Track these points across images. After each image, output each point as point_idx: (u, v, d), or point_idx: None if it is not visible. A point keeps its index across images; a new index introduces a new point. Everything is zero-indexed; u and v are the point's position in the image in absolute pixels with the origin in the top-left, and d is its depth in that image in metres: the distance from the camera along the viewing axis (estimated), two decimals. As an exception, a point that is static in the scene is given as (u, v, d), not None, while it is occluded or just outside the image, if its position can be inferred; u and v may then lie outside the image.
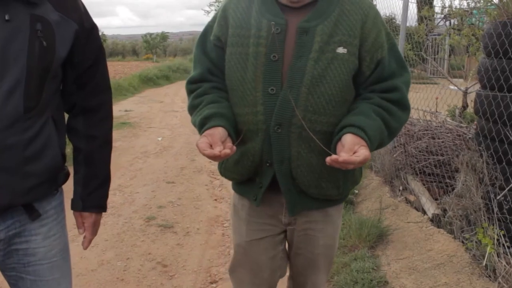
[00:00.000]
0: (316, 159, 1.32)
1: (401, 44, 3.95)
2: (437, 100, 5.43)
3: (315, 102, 1.28)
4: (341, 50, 1.28)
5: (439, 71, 6.58)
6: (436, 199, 3.28)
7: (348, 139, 1.20)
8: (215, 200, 4.47)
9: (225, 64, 1.38)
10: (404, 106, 1.34)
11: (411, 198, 3.38)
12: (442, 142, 3.40)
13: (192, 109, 1.41)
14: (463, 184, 2.46)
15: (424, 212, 3.16)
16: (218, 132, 1.26)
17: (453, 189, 3.23)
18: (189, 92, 1.44)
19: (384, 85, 1.33)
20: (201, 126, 1.31)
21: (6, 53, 1.09)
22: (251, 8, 1.35)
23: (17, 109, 1.12)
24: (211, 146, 1.21)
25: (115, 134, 9.21)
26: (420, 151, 3.65)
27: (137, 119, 9.83)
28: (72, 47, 1.23)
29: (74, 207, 1.40)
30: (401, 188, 3.55)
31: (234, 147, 1.25)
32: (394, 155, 3.72)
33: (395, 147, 3.87)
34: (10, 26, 1.09)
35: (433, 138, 3.72)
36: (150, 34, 36.85)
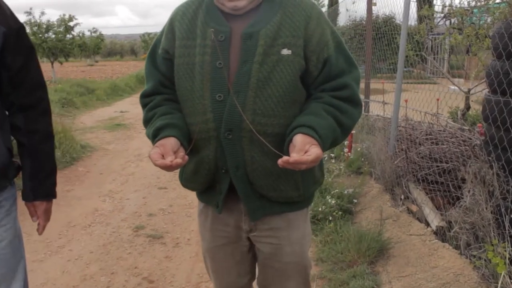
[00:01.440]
0: (270, 162, 1.31)
1: (402, 44, 3.75)
2: (438, 101, 5.26)
3: (263, 105, 1.29)
4: (285, 51, 1.29)
5: (440, 71, 6.39)
6: (440, 209, 3.09)
7: (299, 139, 1.21)
8: (208, 207, 4.29)
9: (174, 75, 1.41)
10: (355, 102, 1.35)
11: (413, 208, 3.18)
12: (447, 148, 3.21)
13: (146, 122, 1.43)
14: (471, 198, 2.26)
15: (428, 224, 2.97)
16: (170, 143, 1.28)
17: (458, 199, 3.04)
18: (143, 105, 1.47)
19: (334, 83, 1.34)
20: (154, 137, 1.33)
21: None
22: (196, 19, 1.37)
23: None
24: (163, 156, 1.22)
25: (109, 136, 9.01)
26: (422, 157, 3.45)
27: (132, 120, 9.64)
28: (3, 49, 1.29)
29: (25, 198, 1.46)
30: (402, 197, 3.36)
31: (186, 157, 1.26)
32: (395, 162, 3.52)
33: (396, 152, 3.67)
34: None
35: (436, 144, 3.53)
36: (148, 34, 36.67)
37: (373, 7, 7.17)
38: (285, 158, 1.12)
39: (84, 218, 4.02)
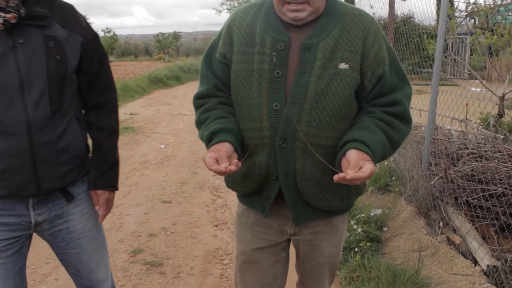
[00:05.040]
0: (320, 173, 1.35)
1: (439, 42, 3.25)
2: (467, 106, 4.80)
3: (318, 118, 1.31)
4: (343, 66, 1.31)
5: (472, 74, 5.89)
6: (489, 242, 2.59)
7: (353, 155, 1.22)
8: (216, 226, 3.84)
9: (230, 80, 1.41)
10: (405, 119, 1.37)
11: (456, 239, 2.68)
12: (496, 166, 2.71)
13: (199, 123, 1.45)
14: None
15: (475, 261, 2.47)
16: (225, 148, 1.29)
17: (508, 228, 2.55)
18: (197, 107, 1.48)
19: (386, 99, 1.36)
20: (208, 141, 1.35)
21: (30, 70, 1.33)
22: (255, 26, 1.38)
23: (46, 113, 1.37)
24: (217, 161, 1.23)
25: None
26: (463, 176, 2.95)
27: (141, 123, 9.28)
28: (80, 57, 1.46)
29: (89, 186, 1.60)
30: (441, 224, 2.86)
31: (240, 163, 1.26)
32: (432, 182, 3.02)
33: (432, 170, 3.16)
34: (29, 48, 1.33)
35: (479, 160, 3.03)
36: (163, 34, 36.42)
37: (395, 5, 6.71)
38: (341, 174, 1.13)
39: (78, 238, 3.60)
